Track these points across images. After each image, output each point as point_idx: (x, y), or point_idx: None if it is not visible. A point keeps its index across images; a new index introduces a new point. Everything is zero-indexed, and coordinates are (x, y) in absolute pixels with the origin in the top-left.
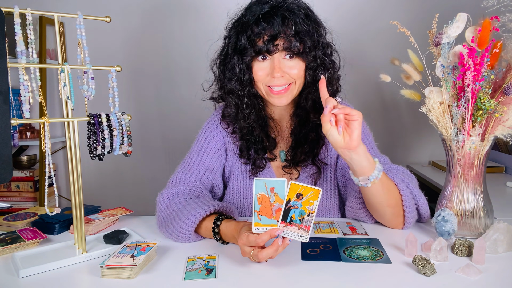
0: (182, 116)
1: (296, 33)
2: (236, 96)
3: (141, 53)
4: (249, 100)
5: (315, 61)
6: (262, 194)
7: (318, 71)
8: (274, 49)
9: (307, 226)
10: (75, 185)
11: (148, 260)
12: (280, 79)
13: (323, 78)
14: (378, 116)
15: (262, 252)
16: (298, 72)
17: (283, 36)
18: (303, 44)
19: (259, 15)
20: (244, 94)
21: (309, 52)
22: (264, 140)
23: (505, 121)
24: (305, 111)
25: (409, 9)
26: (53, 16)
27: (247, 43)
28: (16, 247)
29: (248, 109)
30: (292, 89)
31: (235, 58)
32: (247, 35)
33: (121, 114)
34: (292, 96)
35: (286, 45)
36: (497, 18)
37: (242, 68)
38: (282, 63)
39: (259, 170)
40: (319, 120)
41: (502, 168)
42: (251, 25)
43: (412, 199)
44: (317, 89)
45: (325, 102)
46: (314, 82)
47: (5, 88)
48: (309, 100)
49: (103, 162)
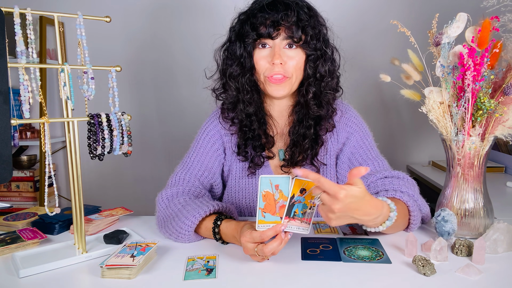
0: (182, 116)
1: (298, 21)
2: (237, 81)
3: (141, 53)
4: (249, 86)
5: (316, 52)
6: (267, 191)
7: (319, 63)
8: (276, 33)
9: (309, 218)
10: (75, 185)
11: (148, 260)
12: (279, 67)
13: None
14: (378, 116)
15: (267, 246)
16: (296, 64)
17: (285, 23)
18: (304, 34)
19: (263, 4)
20: (245, 80)
21: (310, 42)
22: (262, 138)
23: (505, 121)
24: (305, 107)
25: (409, 9)
26: (53, 16)
27: (249, 29)
28: (16, 247)
29: (249, 95)
30: (289, 83)
31: (237, 43)
32: (250, 21)
33: (121, 114)
34: (289, 90)
35: (287, 33)
36: (497, 18)
37: (244, 53)
38: (283, 51)
39: (257, 168)
40: (319, 113)
41: (502, 168)
42: (255, 13)
43: (419, 210)
44: (318, 81)
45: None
46: (315, 75)
47: (5, 88)
48: (310, 93)
49: (103, 162)
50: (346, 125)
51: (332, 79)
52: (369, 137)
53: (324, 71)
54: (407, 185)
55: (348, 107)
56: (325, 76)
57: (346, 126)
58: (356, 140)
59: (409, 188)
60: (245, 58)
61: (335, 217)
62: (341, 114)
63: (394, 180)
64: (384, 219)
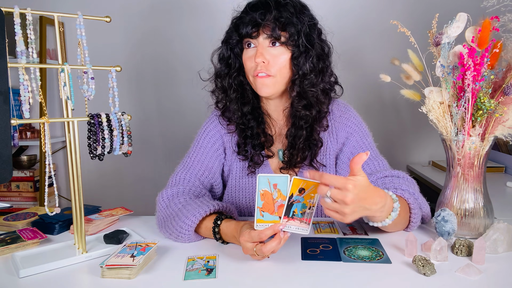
0: (182, 116)
1: (278, 18)
2: (223, 79)
3: (141, 53)
4: (237, 86)
5: (298, 49)
6: (265, 190)
7: (301, 60)
8: (255, 33)
9: (308, 219)
10: (75, 185)
11: (148, 260)
12: (261, 65)
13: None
14: (378, 116)
15: (266, 245)
16: (280, 62)
17: (266, 22)
18: (285, 31)
19: (246, 5)
20: (232, 79)
21: (292, 39)
22: (261, 136)
23: (505, 121)
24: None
25: (409, 9)
26: (53, 16)
27: (233, 30)
28: (16, 247)
29: (235, 93)
30: (274, 81)
31: (224, 45)
32: (235, 23)
33: (121, 114)
34: (276, 89)
35: (266, 32)
36: (497, 18)
37: (229, 53)
38: (266, 50)
39: (256, 167)
40: (306, 113)
41: (502, 168)
42: (241, 15)
43: (419, 209)
44: (301, 79)
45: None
46: (303, 72)
47: (5, 88)
48: (294, 91)
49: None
50: (346, 125)
51: (316, 76)
52: (368, 137)
53: (306, 69)
54: (408, 184)
55: (347, 107)
56: (307, 74)
57: (346, 126)
58: (356, 140)
59: (410, 186)
60: (233, 59)
61: (350, 211)
62: (340, 114)
63: (395, 179)
64: (389, 210)
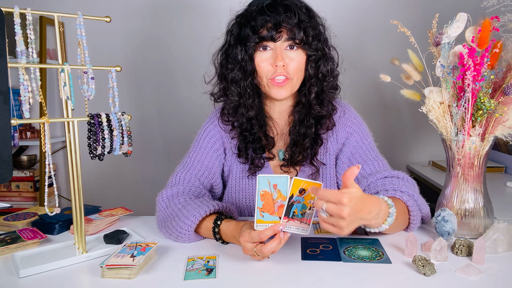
0: (182, 116)
1: (299, 22)
2: (238, 85)
3: (141, 53)
4: (251, 90)
5: (317, 52)
6: (265, 190)
7: (321, 63)
8: (278, 36)
9: (308, 219)
10: (75, 185)
11: (148, 260)
12: (282, 69)
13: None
14: (378, 116)
15: (266, 246)
16: (297, 65)
17: (286, 25)
18: (305, 35)
19: (262, 6)
20: (247, 84)
21: (311, 42)
22: (262, 139)
23: (505, 121)
24: (307, 107)
25: (409, 9)
26: (53, 16)
27: (250, 32)
28: (16, 247)
29: (251, 99)
30: (291, 84)
31: (238, 48)
32: (250, 25)
33: (121, 114)
34: (291, 91)
35: (289, 35)
36: (497, 18)
37: (245, 57)
38: (284, 53)
39: (257, 170)
40: (321, 112)
41: (502, 168)
42: (255, 16)
43: (419, 210)
44: (320, 81)
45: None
46: (317, 75)
47: (5, 88)
48: (312, 93)
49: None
50: (346, 125)
51: (333, 78)
52: (368, 137)
53: (326, 71)
54: (407, 185)
55: (347, 107)
56: (327, 76)
57: (346, 126)
58: (356, 140)
59: (409, 188)
60: (246, 62)
61: (346, 224)
62: (340, 114)
63: (394, 180)
64: (384, 216)
